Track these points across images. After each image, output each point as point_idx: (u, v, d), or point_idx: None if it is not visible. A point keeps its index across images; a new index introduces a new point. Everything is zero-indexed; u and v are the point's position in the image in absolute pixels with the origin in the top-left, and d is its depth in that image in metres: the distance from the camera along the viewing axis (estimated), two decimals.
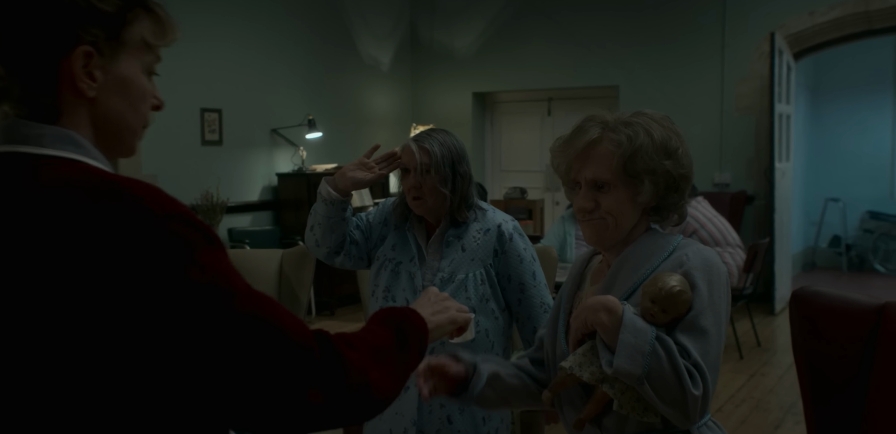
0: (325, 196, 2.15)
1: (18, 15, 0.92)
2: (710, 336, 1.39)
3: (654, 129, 1.47)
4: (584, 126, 1.51)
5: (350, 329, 4.35)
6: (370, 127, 8.12)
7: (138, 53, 0.99)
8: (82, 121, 0.97)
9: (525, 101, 8.49)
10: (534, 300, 2.15)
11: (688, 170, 1.49)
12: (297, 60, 7.19)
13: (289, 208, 6.94)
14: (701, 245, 1.50)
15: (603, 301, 1.40)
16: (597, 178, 1.48)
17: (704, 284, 1.42)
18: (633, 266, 1.49)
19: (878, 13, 6.70)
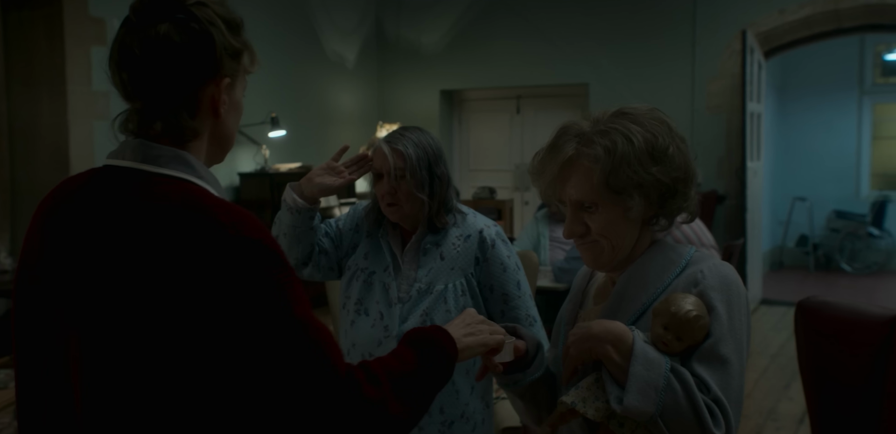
0: (290, 204, 1.97)
1: (181, 53, 1.08)
2: (731, 366, 1.23)
3: (636, 133, 1.29)
4: (557, 142, 1.35)
5: None
6: (335, 125, 7.91)
7: (243, 80, 1.19)
8: (206, 136, 1.15)
9: (494, 99, 8.35)
10: (518, 312, 1.99)
11: (683, 170, 1.33)
12: (260, 56, 6.92)
13: (251, 209, 6.63)
14: (717, 259, 1.34)
15: (610, 328, 1.25)
16: (580, 200, 1.33)
17: (723, 307, 1.26)
18: (641, 284, 1.34)
19: (847, 12, 6.67)
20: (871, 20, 6.78)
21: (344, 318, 2.06)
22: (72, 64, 5.15)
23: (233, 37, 1.13)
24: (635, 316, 1.32)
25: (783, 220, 9.72)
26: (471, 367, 1.99)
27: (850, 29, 6.89)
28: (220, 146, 1.19)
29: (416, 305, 1.96)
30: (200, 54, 1.09)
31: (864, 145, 9.82)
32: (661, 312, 1.25)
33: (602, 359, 1.24)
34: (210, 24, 1.09)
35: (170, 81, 1.08)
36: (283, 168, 6.80)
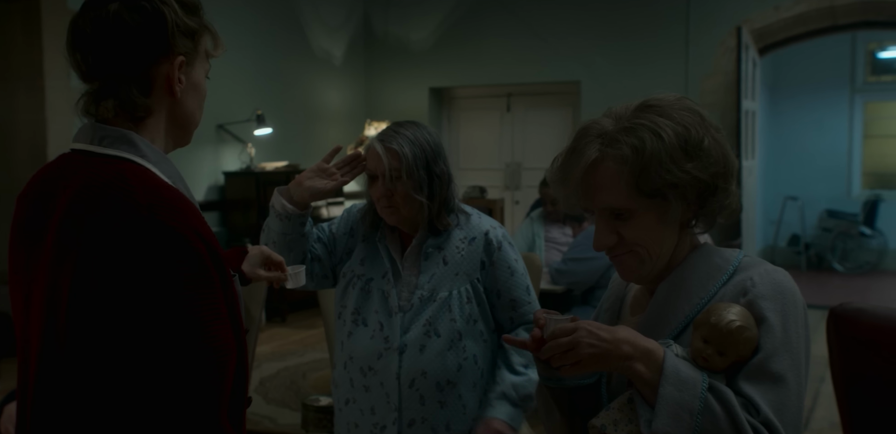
0: (279, 210, 1.82)
1: (132, 31, 1.09)
2: (786, 384, 1.08)
3: (665, 127, 1.15)
4: (578, 145, 1.20)
5: (302, 337, 3.94)
6: (322, 123, 7.75)
7: (203, 62, 1.19)
8: (162, 117, 1.16)
9: (484, 97, 8.21)
10: (528, 318, 1.85)
11: (721, 164, 1.18)
12: (245, 52, 6.78)
13: (237, 209, 6.54)
14: (769, 265, 1.20)
15: (633, 341, 1.09)
16: (610, 207, 1.18)
17: (777, 317, 1.11)
18: (684, 294, 1.19)
19: (842, 8, 6.58)
20: (867, 17, 6.69)
21: (340, 328, 1.91)
22: (50, 59, 4.98)
23: (187, 16, 1.14)
24: (677, 330, 1.18)
25: (775, 219, 9.64)
26: (478, 379, 1.85)
27: (845, 26, 6.81)
28: (181, 127, 1.20)
29: (419, 314, 1.83)
30: (151, 32, 1.10)
31: (856, 144, 9.77)
32: (700, 324, 1.11)
33: (630, 377, 1.10)
34: (162, 3, 1.11)
35: (120, 59, 1.09)
36: (269, 167, 6.64)
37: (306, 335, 6.00)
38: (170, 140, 1.20)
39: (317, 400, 2.21)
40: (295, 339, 5.86)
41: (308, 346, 5.62)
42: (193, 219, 1.05)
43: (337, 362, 1.93)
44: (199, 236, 1.03)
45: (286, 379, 4.83)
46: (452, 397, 1.82)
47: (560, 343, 1.10)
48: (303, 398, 4.40)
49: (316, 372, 4.98)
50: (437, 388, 1.81)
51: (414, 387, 1.81)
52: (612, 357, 1.08)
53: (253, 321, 2.56)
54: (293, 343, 5.74)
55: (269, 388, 4.63)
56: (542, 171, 7.17)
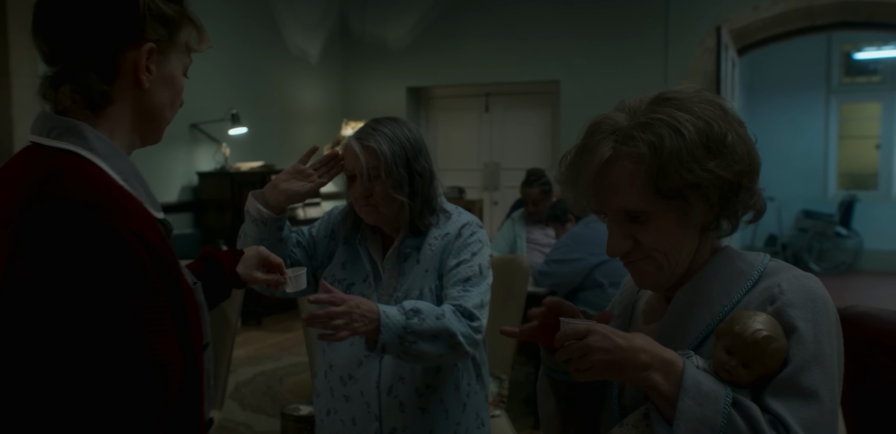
0: (254, 215, 1.72)
1: (96, 12, 1.01)
2: (818, 401, 0.99)
3: (685, 123, 1.06)
4: (589, 142, 1.11)
5: (278, 340, 3.81)
6: (298, 123, 7.63)
7: (182, 55, 1.12)
8: (128, 109, 1.07)
9: (462, 97, 8.13)
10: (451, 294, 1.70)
11: (747, 161, 1.09)
12: (219, 49, 6.64)
13: (211, 210, 6.41)
14: (797, 270, 1.11)
15: (651, 349, 1.01)
16: (625, 209, 1.09)
17: (808, 327, 1.03)
18: (704, 302, 1.10)
19: (821, 9, 6.59)
20: (844, 17, 6.71)
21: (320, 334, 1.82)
22: (16, 54, 4.84)
23: (164, 2, 1.07)
24: (697, 340, 1.09)
25: None
26: (459, 381, 1.77)
27: (823, 26, 6.82)
28: (149, 121, 1.11)
29: None
30: (118, 14, 1.03)
31: (832, 145, 9.82)
32: (723, 333, 1.02)
33: (646, 390, 1.02)
34: None
35: (83, 41, 1.02)
36: (244, 167, 6.51)
37: (282, 338, 5.88)
38: (136, 135, 1.11)
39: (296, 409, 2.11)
40: (271, 343, 5.74)
41: (285, 350, 5.51)
42: (136, 220, 0.96)
43: (318, 371, 1.85)
44: (140, 239, 0.94)
45: (262, 384, 4.71)
46: (433, 403, 1.74)
47: (572, 348, 1.02)
48: (281, 406, 4.29)
49: (293, 376, 4.87)
50: (416, 394, 1.73)
51: (392, 394, 1.73)
52: (626, 366, 1.00)
53: (230, 327, 2.46)
54: (269, 347, 5.63)
55: (245, 394, 4.52)
56: (522, 172, 7.10)
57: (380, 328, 1.55)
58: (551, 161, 7.66)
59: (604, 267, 3.79)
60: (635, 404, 1.11)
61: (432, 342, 1.60)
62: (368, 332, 1.56)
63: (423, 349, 1.59)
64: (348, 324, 1.52)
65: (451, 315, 1.63)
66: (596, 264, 3.80)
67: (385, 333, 1.56)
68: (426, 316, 1.60)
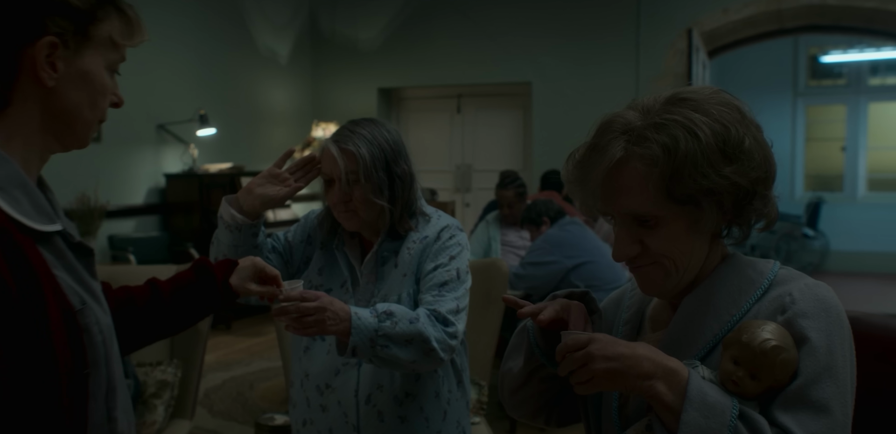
0: (228, 221, 1.65)
1: None
2: (830, 416, 0.95)
3: (701, 126, 1.01)
4: (600, 142, 1.06)
5: (248, 345, 3.71)
6: (268, 124, 7.53)
7: (104, 50, 1.01)
8: (33, 109, 0.98)
9: (433, 98, 8.09)
10: (425, 298, 1.65)
11: (763, 168, 1.05)
12: (187, 48, 6.54)
13: (178, 212, 6.29)
14: (809, 278, 1.07)
15: (655, 358, 0.97)
16: (633, 212, 1.05)
17: (821, 337, 0.99)
18: (712, 310, 1.06)
19: (789, 12, 6.65)
20: (812, 21, 6.78)
21: (296, 344, 1.77)
22: None
23: None
24: (704, 350, 1.05)
25: None
26: (440, 388, 1.72)
27: (792, 29, 6.89)
28: (62, 123, 1.00)
29: None
30: (12, 7, 0.94)
31: (798, 147, 9.93)
32: (731, 343, 0.99)
33: (649, 400, 0.98)
34: None
35: None
36: (213, 168, 6.41)
37: (252, 343, 5.79)
38: (50, 138, 1.01)
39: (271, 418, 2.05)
40: (240, 348, 5.65)
41: (255, 355, 5.42)
42: None
43: (294, 380, 1.79)
44: None
45: (232, 390, 4.62)
46: (413, 411, 1.69)
47: (573, 358, 0.98)
48: (252, 412, 4.21)
49: (264, 382, 4.79)
50: (395, 403, 1.68)
51: (371, 403, 1.68)
52: (629, 375, 0.96)
53: (200, 334, 2.39)
54: (239, 352, 5.53)
55: (215, 400, 4.43)
56: (494, 174, 7.08)
57: (350, 330, 1.50)
58: (523, 162, 7.65)
59: (579, 270, 3.77)
60: (638, 416, 1.07)
61: (405, 347, 1.55)
62: (339, 332, 1.51)
63: (395, 354, 1.54)
64: (320, 321, 1.47)
65: (426, 319, 1.58)
66: (571, 267, 3.78)
67: (356, 335, 1.50)
68: (399, 319, 1.55)
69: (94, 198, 5.52)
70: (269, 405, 4.34)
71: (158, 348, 2.38)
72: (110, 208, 5.73)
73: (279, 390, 4.61)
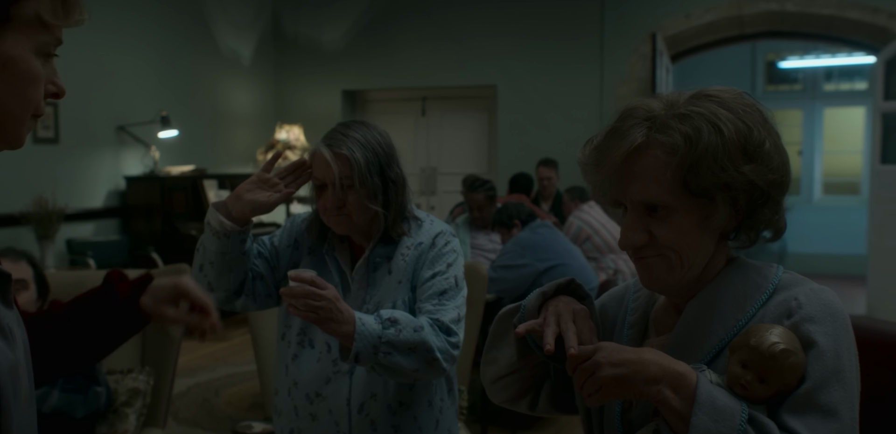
0: (216, 228, 1.60)
1: None
2: (838, 420, 0.95)
3: (725, 121, 1.01)
4: (621, 126, 1.05)
5: (212, 350, 3.61)
6: (231, 125, 7.43)
7: (30, 32, 0.86)
8: None
9: (398, 101, 8.06)
10: (426, 307, 1.62)
11: (780, 172, 1.05)
12: (147, 48, 6.41)
13: (139, 215, 6.16)
14: (813, 283, 1.07)
15: (661, 362, 0.96)
16: (646, 200, 1.04)
17: (828, 342, 0.98)
18: (717, 315, 1.05)
19: (750, 18, 6.76)
20: (772, 27, 6.90)
21: (283, 351, 1.72)
22: None
23: None
24: (710, 355, 1.04)
25: None
26: (433, 396, 1.69)
27: (752, 35, 7.00)
28: None
29: None
30: None
31: None
32: (738, 346, 0.98)
33: (657, 405, 0.97)
34: None
35: None
36: (175, 171, 6.29)
37: (216, 349, 5.69)
38: None
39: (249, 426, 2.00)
40: (204, 353, 5.55)
41: (219, 360, 5.33)
42: None
43: (279, 388, 1.74)
44: None
45: (197, 396, 4.53)
46: (406, 420, 1.66)
47: (581, 369, 0.96)
48: (218, 419, 4.13)
49: (229, 388, 4.70)
50: (388, 412, 1.65)
51: (364, 412, 1.64)
52: (636, 380, 0.95)
53: (172, 343, 2.32)
54: (202, 357, 5.43)
55: (180, 407, 4.33)
56: (459, 176, 7.07)
57: (354, 335, 1.46)
58: (488, 165, 7.66)
59: (551, 273, 3.77)
60: (643, 421, 1.06)
61: (408, 355, 1.52)
62: (341, 334, 1.47)
63: (398, 362, 1.51)
64: (327, 310, 1.43)
65: (430, 329, 1.55)
66: (543, 270, 3.78)
67: (359, 341, 1.47)
68: (404, 327, 1.52)
69: (52, 201, 5.38)
70: (236, 412, 4.27)
71: (129, 355, 2.31)
72: (69, 212, 5.59)
73: (246, 396, 4.54)
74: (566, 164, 6.71)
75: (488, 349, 1.24)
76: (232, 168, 7.34)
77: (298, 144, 7.23)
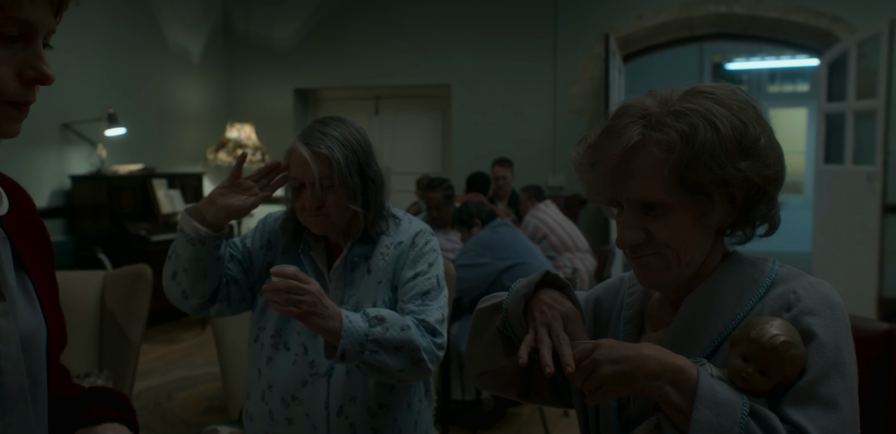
0: (190, 234, 1.55)
1: None
2: (839, 411, 0.96)
3: (721, 117, 1.02)
4: (616, 124, 1.04)
5: (162, 353, 3.52)
6: (180, 124, 7.28)
7: None
8: None
9: (351, 100, 7.99)
10: (409, 308, 1.60)
11: (777, 168, 1.05)
12: (93, 44, 6.24)
13: (85, 216, 5.99)
14: (809, 276, 1.08)
15: (661, 357, 0.96)
16: (643, 198, 1.03)
17: (828, 334, 0.99)
18: (715, 309, 1.05)
19: (699, 20, 6.87)
20: (721, 29, 7.03)
21: (256, 354, 1.67)
22: None
23: None
24: (709, 349, 1.04)
25: None
26: (411, 398, 1.67)
27: (702, 36, 7.12)
28: None
29: None
30: None
31: None
32: (739, 339, 0.98)
33: (658, 400, 0.96)
34: None
35: None
36: (123, 170, 6.14)
37: (167, 351, 5.57)
38: None
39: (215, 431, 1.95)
40: (155, 356, 5.42)
41: (171, 364, 5.21)
42: None
43: (252, 392, 1.69)
44: None
45: (149, 400, 4.42)
46: (386, 422, 1.63)
47: (581, 368, 0.95)
48: (171, 423, 4.03)
49: (182, 391, 4.60)
50: (368, 414, 1.62)
51: (343, 415, 1.60)
52: (636, 376, 0.94)
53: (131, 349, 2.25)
54: (154, 360, 5.30)
55: None
56: (413, 176, 7.05)
57: (341, 333, 1.43)
58: (442, 165, 7.65)
59: (512, 271, 3.77)
60: (640, 417, 1.05)
61: (394, 355, 1.49)
62: (326, 330, 1.43)
63: (384, 361, 1.48)
64: (311, 304, 1.39)
65: (416, 329, 1.53)
66: (504, 269, 3.77)
67: (346, 339, 1.43)
68: (391, 325, 1.49)
69: None
70: (191, 415, 4.18)
71: (87, 358, 2.24)
72: None
73: (200, 400, 4.44)
74: (521, 163, 6.74)
75: (470, 344, 1.23)
76: (182, 167, 7.19)
77: (250, 143, 7.12)
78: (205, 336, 5.99)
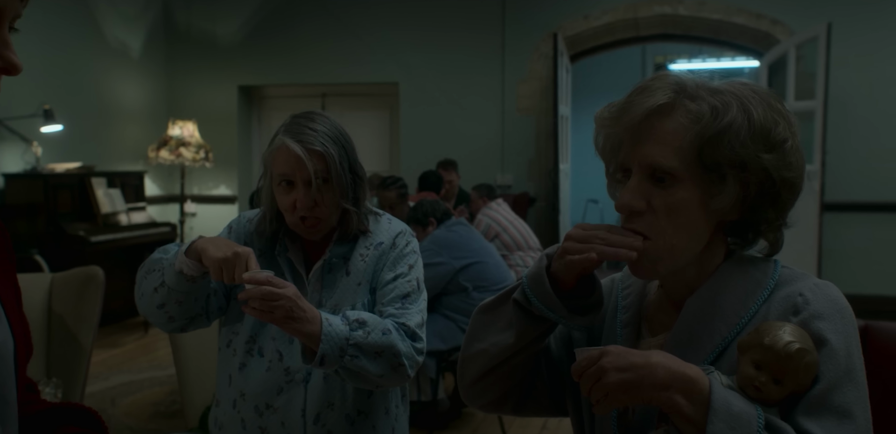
0: (188, 274, 1.46)
1: None
2: (854, 422, 0.92)
3: (756, 107, 0.99)
4: (651, 85, 1.01)
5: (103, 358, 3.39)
6: (120, 121, 7.05)
7: None
8: None
9: (297, 97, 7.86)
10: (388, 311, 1.55)
11: (797, 174, 1.02)
12: (26, 35, 5.98)
13: (19, 216, 5.75)
14: (814, 277, 1.04)
15: (670, 366, 0.91)
16: (655, 164, 0.98)
17: (840, 340, 0.95)
18: (719, 312, 1.01)
19: (645, 21, 6.96)
20: (665, 29, 7.12)
21: (228, 360, 1.60)
22: None
23: None
24: (714, 354, 1.00)
25: (577, 221, 10.06)
26: (389, 404, 1.62)
27: (647, 37, 7.20)
28: None
29: None
30: None
31: None
32: (750, 346, 0.93)
33: (668, 411, 0.92)
34: None
35: None
36: (60, 168, 5.92)
37: (108, 355, 5.39)
38: None
39: None
40: (96, 361, 5.23)
41: (113, 368, 5.04)
42: None
43: (221, 399, 1.62)
44: None
45: (92, 406, 4.26)
46: (365, 429, 1.57)
47: (587, 375, 0.91)
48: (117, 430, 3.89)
49: (126, 397, 4.45)
50: (347, 421, 1.56)
51: (320, 422, 1.54)
52: (644, 385, 0.90)
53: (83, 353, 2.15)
54: (95, 365, 5.12)
55: None
56: None
57: (321, 337, 1.37)
58: (390, 164, 7.58)
59: (467, 270, 3.75)
60: (642, 425, 1.02)
61: (374, 359, 1.43)
62: (305, 334, 1.37)
63: (364, 366, 1.43)
64: (288, 309, 1.33)
65: (396, 333, 1.47)
66: (460, 268, 3.75)
67: (326, 343, 1.37)
68: (372, 329, 1.44)
69: None
70: (136, 422, 4.04)
71: (35, 366, 2.12)
72: None
73: (145, 405, 4.30)
74: (469, 161, 6.72)
75: (469, 345, 1.15)
76: (122, 165, 6.97)
77: (193, 141, 6.94)
78: (147, 339, 5.82)
